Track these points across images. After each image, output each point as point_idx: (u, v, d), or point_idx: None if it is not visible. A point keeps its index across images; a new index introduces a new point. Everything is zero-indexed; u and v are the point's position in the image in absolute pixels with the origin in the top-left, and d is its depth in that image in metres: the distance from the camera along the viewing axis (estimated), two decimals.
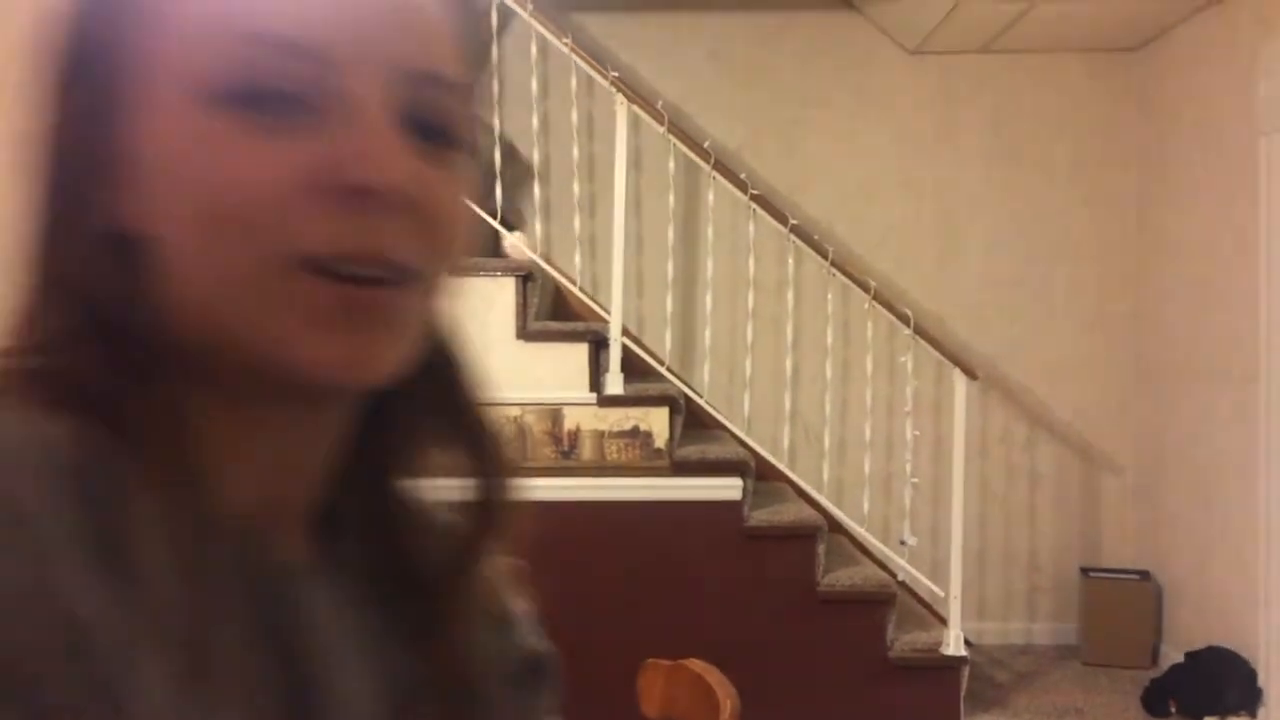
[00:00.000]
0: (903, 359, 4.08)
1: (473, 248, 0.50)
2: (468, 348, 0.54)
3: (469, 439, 0.54)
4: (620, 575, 3.49)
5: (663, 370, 3.84)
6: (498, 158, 3.93)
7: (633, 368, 3.76)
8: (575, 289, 3.96)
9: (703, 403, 3.91)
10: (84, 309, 0.42)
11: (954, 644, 3.66)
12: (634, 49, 4.59)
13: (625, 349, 3.71)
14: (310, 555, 0.50)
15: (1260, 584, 3.83)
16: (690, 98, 4.64)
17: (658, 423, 3.64)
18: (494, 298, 3.56)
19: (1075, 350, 4.84)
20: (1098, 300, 4.85)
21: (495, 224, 3.85)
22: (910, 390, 4.05)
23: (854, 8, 4.78)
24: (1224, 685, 3.83)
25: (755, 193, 3.89)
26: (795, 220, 3.96)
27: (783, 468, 3.98)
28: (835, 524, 3.92)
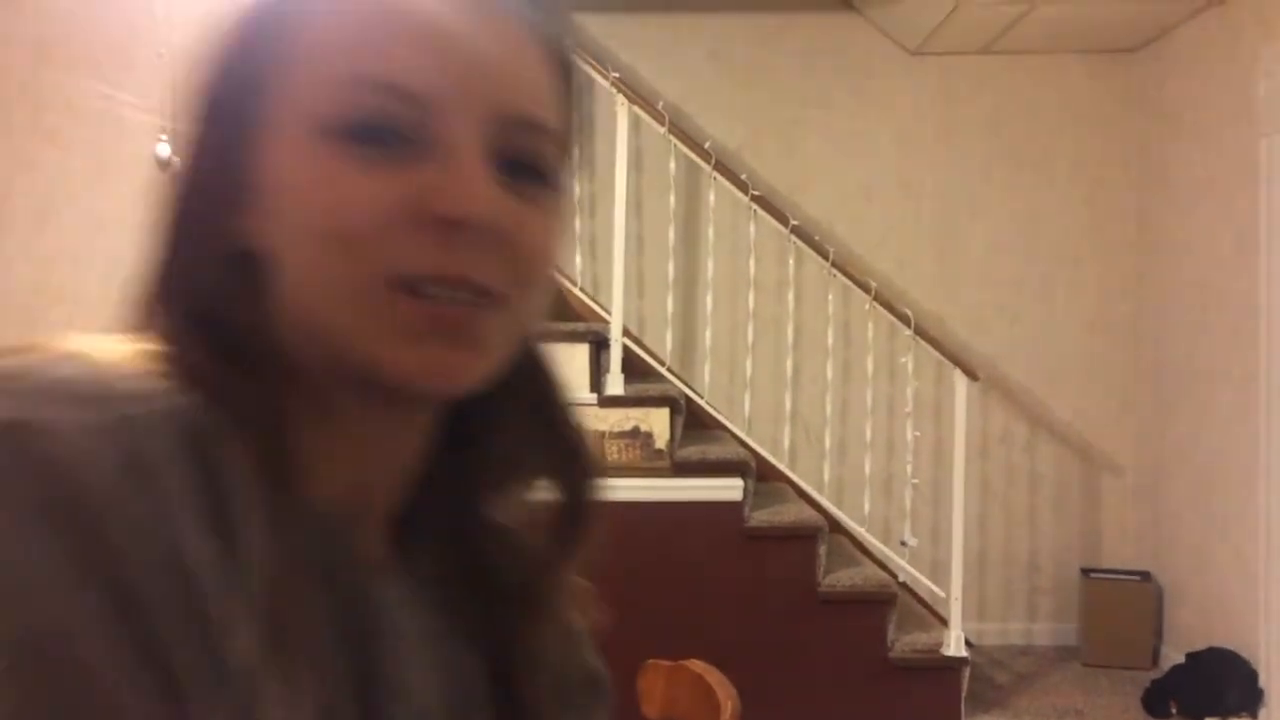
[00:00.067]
0: (903, 360, 4.09)
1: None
2: (556, 370, 0.59)
3: (556, 458, 0.59)
4: (621, 576, 3.45)
5: (663, 371, 3.84)
6: None
7: (633, 368, 3.76)
8: (576, 289, 3.96)
9: (703, 403, 3.91)
10: (207, 312, 0.47)
11: (954, 645, 3.67)
12: (634, 49, 4.59)
13: (626, 349, 3.71)
14: (387, 554, 0.55)
15: (1261, 584, 3.83)
16: (690, 98, 4.64)
17: (658, 423, 3.64)
18: None
19: (1076, 351, 4.84)
20: (1098, 301, 4.85)
21: None
22: (911, 391, 4.05)
23: (854, 9, 4.78)
24: (1225, 686, 3.83)
25: (756, 193, 3.89)
26: (796, 221, 3.96)
27: (783, 468, 3.98)
28: (836, 524, 3.92)
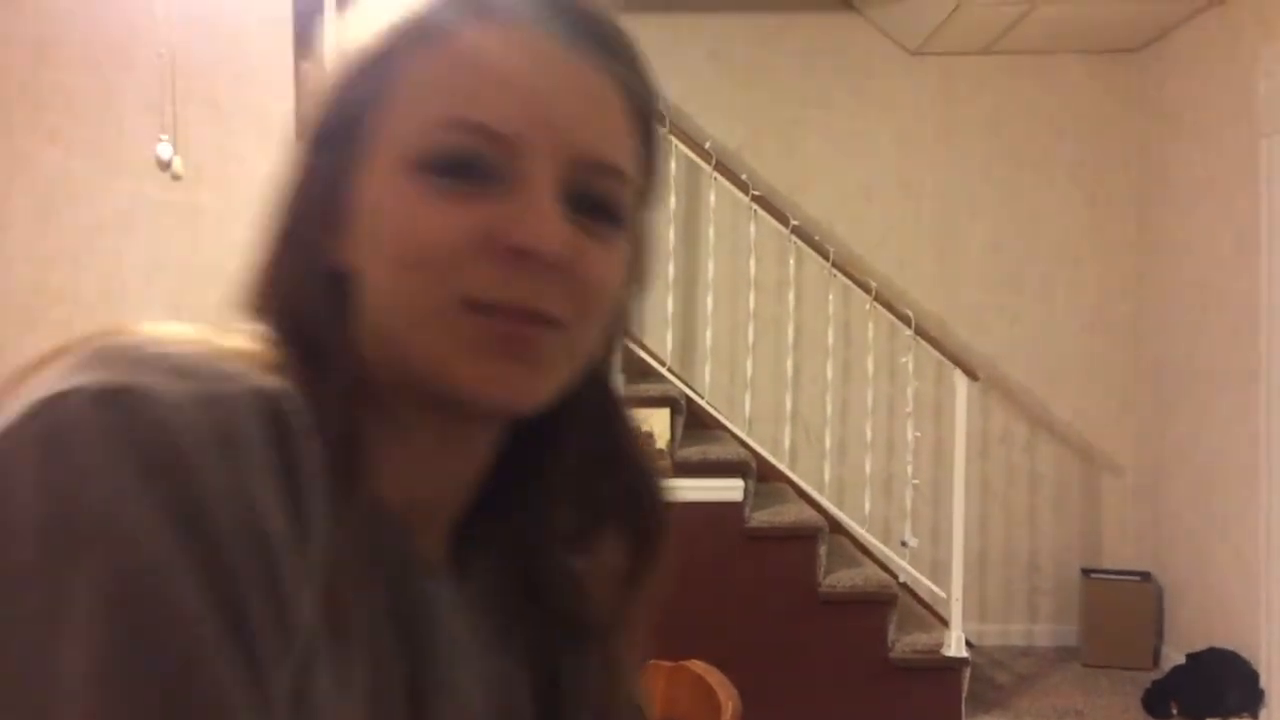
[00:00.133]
0: (904, 360, 4.09)
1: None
2: (626, 410, 0.62)
3: (621, 495, 0.63)
4: None
5: (664, 371, 3.84)
6: None
7: (634, 368, 3.76)
8: None
9: (704, 403, 3.91)
10: (299, 320, 0.52)
11: (955, 645, 3.66)
12: None
13: (626, 350, 3.71)
14: (444, 560, 0.58)
15: (1261, 584, 3.83)
16: (691, 98, 4.64)
17: (659, 423, 3.64)
18: None
19: (1076, 351, 4.84)
20: (1098, 301, 4.85)
21: None
22: (911, 391, 4.05)
23: (854, 9, 4.78)
24: (1225, 687, 3.82)
25: (756, 193, 3.89)
26: (796, 221, 3.96)
27: (784, 469, 3.98)
28: (836, 525, 3.92)
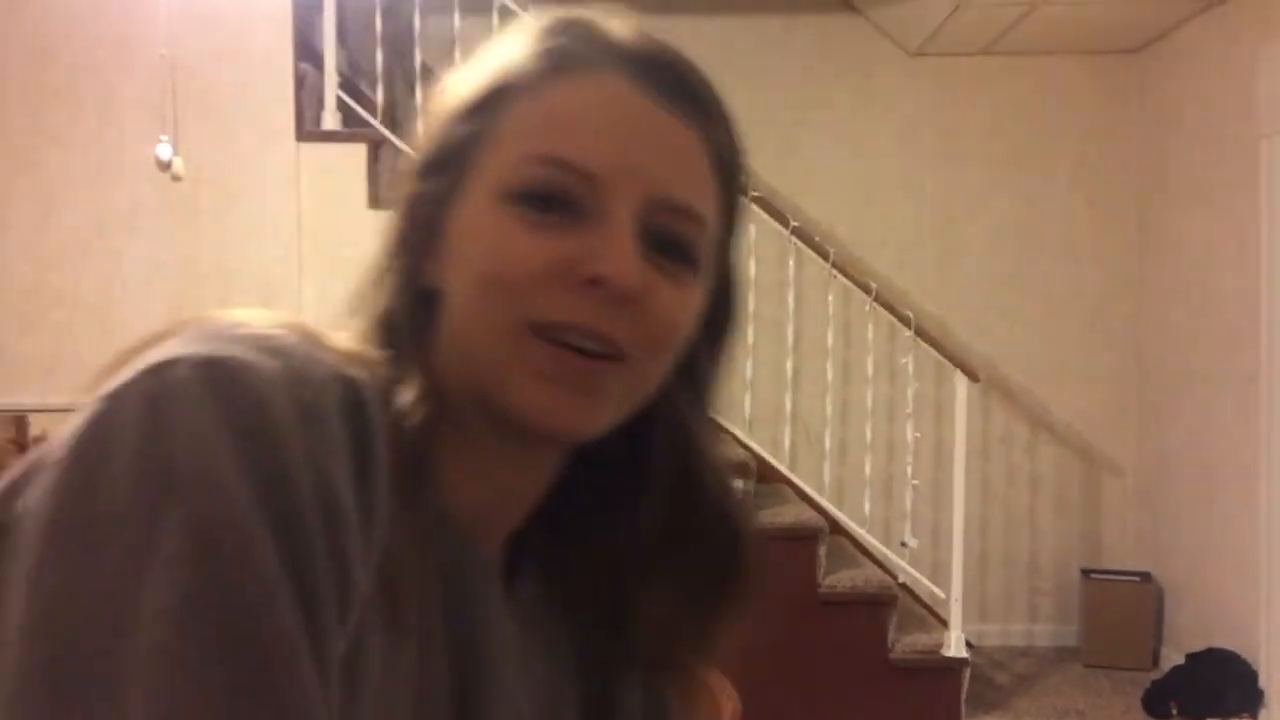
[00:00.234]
0: (904, 360, 4.09)
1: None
2: (707, 455, 0.63)
3: (695, 538, 0.63)
4: None
5: None
6: None
7: None
8: None
9: None
10: (390, 328, 0.57)
11: (955, 646, 3.66)
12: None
13: None
14: (499, 568, 0.61)
15: (1261, 585, 3.83)
16: None
17: None
18: None
19: (1076, 352, 4.84)
20: (1099, 302, 4.85)
21: None
22: (911, 392, 4.05)
23: (855, 10, 4.78)
24: (1225, 687, 3.82)
25: (756, 194, 3.89)
26: (796, 222, 3.96)
27: (783, 469, 3.98)
28: (836, 526, 3.92)
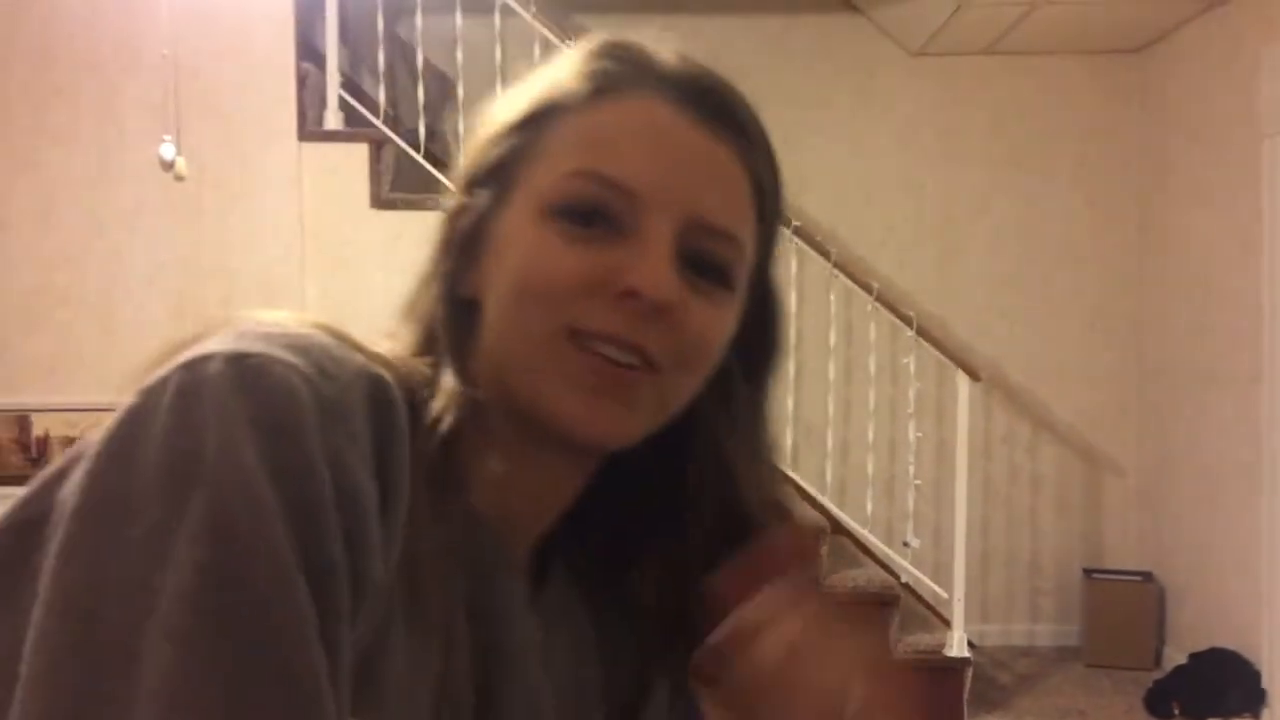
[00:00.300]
0: (905, 360, 4.09)
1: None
2: (743, 481, 0.64)
3: (723, 532, 0.63)
4: None
5: None
6: None
7: None
8: None
9: None
10: (431, 334, 0.59)
11: (957, 646, 3.67)
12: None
13: None
14: (525, 569, 0.62)
15: (1263, 584, 3.83)
16: None
17: None
18: None
19: (1078, 352, 4.84)
20: (1100, 302, 4.84)
21: None
22: (913, 392, 4.05)
23: (857, 10, 4.78)
24: (1227, 687, 3.82)
25: None
26: (797, 222, 3.96)
27: (785, 469, 3.98)
28: (838, 525, 3.92)
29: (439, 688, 0.53)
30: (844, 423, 4.41)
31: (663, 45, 0.63)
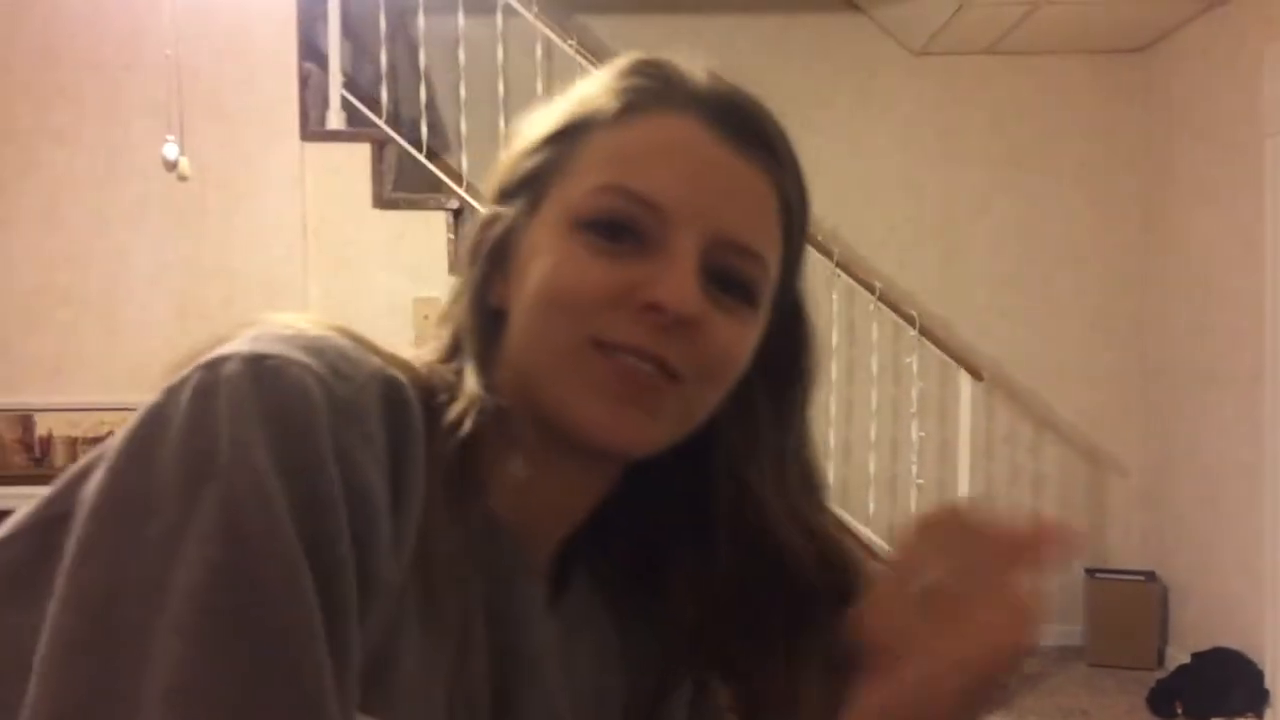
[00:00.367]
0: (908, 360, 4.09)
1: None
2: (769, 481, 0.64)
3: (751, 564, 0.63)
4: None
5: None
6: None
7: None
8: None
9: None
10: (456, 343, 0.60)
11: None
12: (638, 51, 4.58)
13: None
14: (545, 574, 0.62)
15: (1266, 584, 3.82)
16: None
17: None
18: None
19: (1080, 352, 4.84)
20: (1103, 302, 4.84)
21: None
22: (915, 391, 4.06)
23: (858, 9, 4.78)
24: (1230, 686, 3.82)
25: None
26: None
27: None
28: (841, 525, 3.92)
29: (454, 690, 0.53)
30: (846, 422, 4.41)
31: (694, 64, 0.63)
